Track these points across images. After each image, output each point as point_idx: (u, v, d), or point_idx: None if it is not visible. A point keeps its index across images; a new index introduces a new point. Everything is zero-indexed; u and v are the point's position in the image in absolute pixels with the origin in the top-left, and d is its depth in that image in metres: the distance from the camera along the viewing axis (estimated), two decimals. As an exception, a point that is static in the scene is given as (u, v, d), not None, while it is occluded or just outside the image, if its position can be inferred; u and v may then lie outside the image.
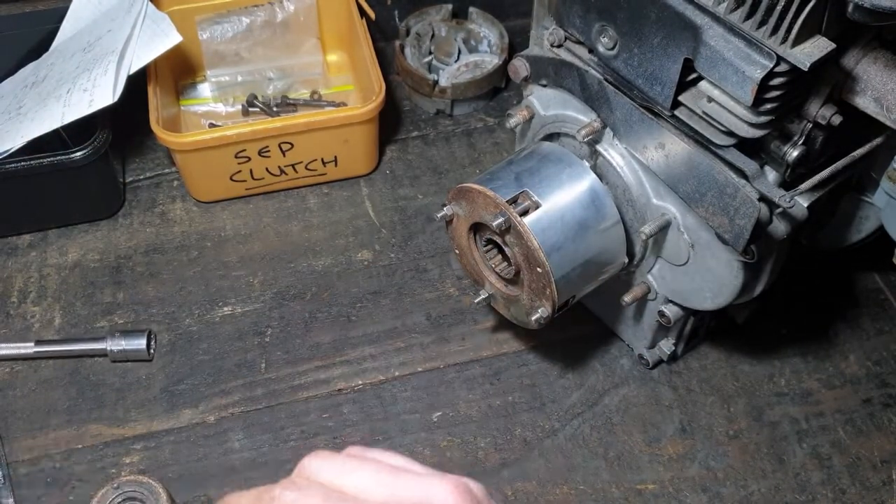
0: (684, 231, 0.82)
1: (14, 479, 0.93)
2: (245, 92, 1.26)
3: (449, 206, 0.88)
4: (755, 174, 0.73)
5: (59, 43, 1.18)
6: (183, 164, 1.13)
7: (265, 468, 0.95)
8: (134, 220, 1.16)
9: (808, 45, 0.65)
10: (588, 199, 0.83)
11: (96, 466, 0.95)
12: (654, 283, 0.90)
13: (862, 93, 0.72)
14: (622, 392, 1.00)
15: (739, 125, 0.71)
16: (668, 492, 0.93)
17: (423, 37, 1.31)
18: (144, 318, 1.06)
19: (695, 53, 0.69)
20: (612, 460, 0.95)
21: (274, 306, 1.08)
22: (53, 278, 1.10)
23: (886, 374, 1.02)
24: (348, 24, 1.26)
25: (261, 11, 1.25)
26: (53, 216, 1.14)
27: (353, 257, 1.12)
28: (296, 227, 1.16)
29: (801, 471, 0.95)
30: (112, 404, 0.99)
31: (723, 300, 0.84)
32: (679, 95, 0.74)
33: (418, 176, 1.21)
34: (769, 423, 0.98)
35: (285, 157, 1.13)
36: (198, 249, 1.13)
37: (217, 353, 1.03)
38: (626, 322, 1.01)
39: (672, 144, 0.77)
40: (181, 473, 0.94)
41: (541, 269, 0.80)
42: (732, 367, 1.03)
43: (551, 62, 0.85)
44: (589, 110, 0.84)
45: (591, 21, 0.78)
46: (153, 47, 1.09)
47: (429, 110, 1.29)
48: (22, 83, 1.15)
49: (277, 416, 0.99)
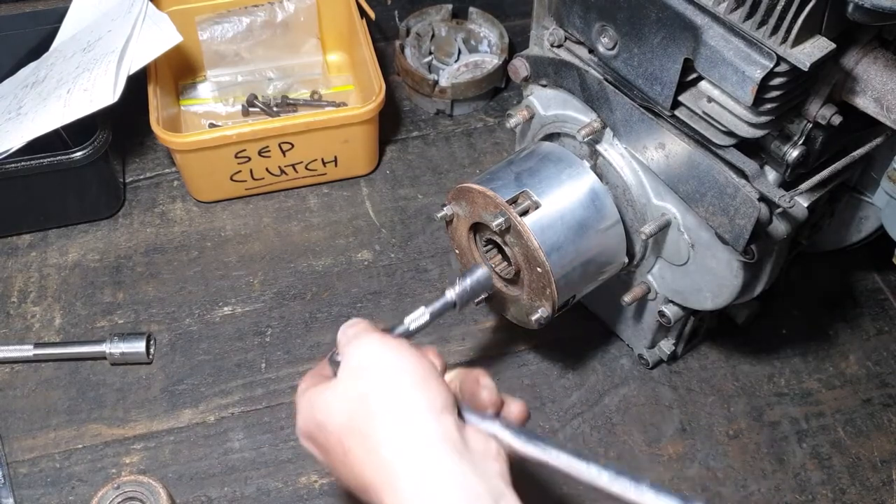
0: (684, 231, 0.82)
1: (14, 479, 0.93)
2: (245, 92, 1.26)
3: (449, 206, 0.88)
4: (755, 174, 0.73)
5: (59, 43, 1.18)
6: (183, 164, 1.13)
7: (265, 468, 0.95)
8: (134, 220, 1.16)
9: (808, 45, 0.65)
10: (588, 199, 0.83)
11: (96, 466, 0.95)
12: (654, 283, 0.90)
13: (862, 93, 0.72)
14: (622, 392, 1.00)
15: (739, 125, 0.71)
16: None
17: (423, 37, 1.31)
18: (144, 318, 1.06)
19: (695, 53, 0.69)
20: (612, 460, 0.95)
21: (274, 306, 1.08)
22: (53, 278, 1.10)
23: (886, 374, 1.03)
24: (348, 24, 1.26)
25: (261, 11, 1.25)
26: (53, 216, 1.14)
27: (354, 257, 1.12)
28: (296, 227, 1.16)
29: (801, 471, 0.95)
30: (112, 404, 0.99)
31: (723, 300, 0.84)
32: (679, 95, 0.74)
33: (418, 176, 1.22)
34: (769, 423, 0.98)
35: (285, 157, 1.13)
36: (198, 249, 1.13)
37: (217, 353, 1.03)
38: (626, 322, 1.01)
39: (672, 144, 0.77)
40: (181, 473, 0.94)
41: (541, 269, 0.80)
42: (732, 367, 1.03)
43: (551, 62, 0.85)
44: (589, 110, 0.84)
45: (591, 21, 0.78)
46: (153, 47, 1.09)
47: (429, 110, 1.29)
48: (22, 83, 1.15)
49: (277, 416, 0.99)
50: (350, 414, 0.59)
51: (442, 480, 0.55)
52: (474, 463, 0.56)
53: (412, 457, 0.56)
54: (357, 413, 0.58)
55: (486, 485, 0.55)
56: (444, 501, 0.54)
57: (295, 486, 0.93)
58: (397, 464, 0.56)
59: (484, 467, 0.57)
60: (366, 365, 0.60)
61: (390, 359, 0.60)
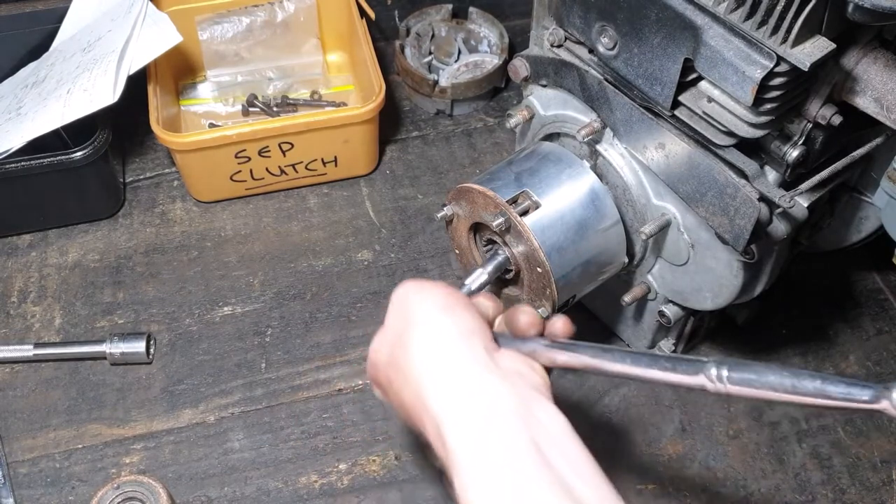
0: (684, 231, 0.82)
1: (14, 479, 0.93)
2: (245, 92, 1.26)
3: (449, 207, 0.88)
4: (755, 174, 0.73)
5: (59, 43, 1.18)
6: (183, 164, 1.13)
7: (265, 468, 0.95)
8: (134, 220, 1.16)
9: (808, 45, 0.65)
10: (588, 199, 0.83)
11: (96, 466, 0.95)
12: (654, 283, 0.90)
13: (862, 93, 0.72)
14: (622, 392, 1.00)
15: (739, 125, 0.71)
16: (668, 492, 0.93)
17: (423, 37, 1.31)
18: (144, 318, 1.06)
19: (695, 53, 0.69)
20: (613, 460, 0.95)
21: (274, 306, 1.08)
22: (53, 278, 1.10)
23: (886, 374, 1.02)
24: (348, 24, 1.26)
25: (261, 11, 1.25)
26: (53, 216, 1.14)
27: (353, 257, 1.12)
28: (296, 227, 1.16)
29: (801, 471, 0.95)
30: (112, 404, 0.99)
31: (723, 300, 0.84)
32: (679, 95, 0.74)
33: (418, 176, 1.21)
34: (769, 423, 0.98)
35: (285, 157, 1.13)
36: (198, 249, 1.13)
37: (217, 353, 1.03)
38: (626, 322, 1.01)
39: (672, 144, 0.77)
40: (181, 473, 0.94)
41: (541, 269, 0.80)
42: (732, 367, 1.03)
43: (551, 62, 0.85)
44: (589, 110, 0.84)
45: (591, 21, 0.78)
46: (153, 47, 1.09)
47: (429, 110, 1.29)
48: (22, 83, 1.15)
49: (277, 416, 0.99)
50: (391, 349, 0.63)
51: (466, 392, 0.57)
52: (504, 376, 0.59)
53: (439, 377, 0.59)
54: (395, 347, 0.62)
55: (515, 393, 0.57)
56: (469, 410, 0.56)
57: (295, 486, 0.93)
58: (426, 384, 0.59)
59: (513, 380, 0.59)
60: (398, 306, 0.65)
61: (419, 294, 0.64)
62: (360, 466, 0.95)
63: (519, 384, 0.59)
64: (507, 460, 0.53)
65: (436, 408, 0.57)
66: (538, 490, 0.52)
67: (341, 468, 0.95)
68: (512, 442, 0.54)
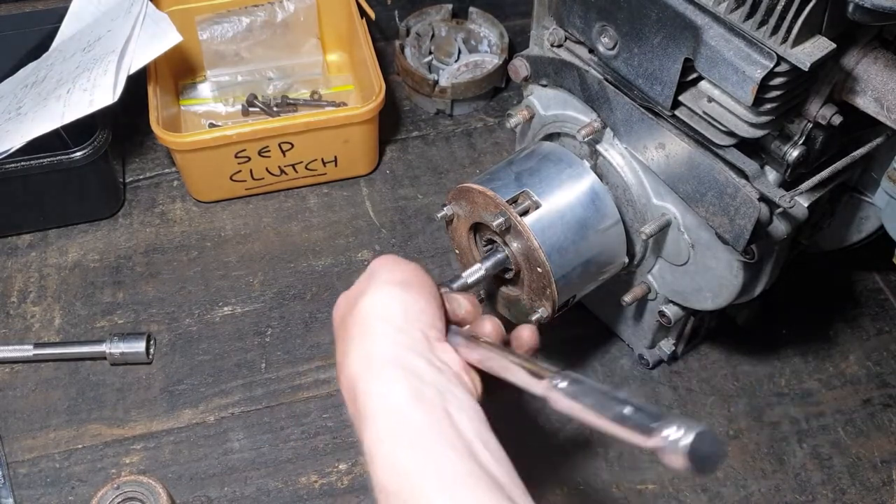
0: (684, 231, 0.82)
1: (14, 479, 0.93)
2: (245, 92, 1.26)
3: (449, 206, 0.88)
4: (755, 174, 0.73)
5: (59, 43, 1.18)
6: (183, 164, 1.13)
7: (265, 468, 0.95)
8: (134, 220, 1.16)
9: (808, 45, 0.65)
10: (588, 198, 0.83)
11: (96, 466, 0.95)
12: (654, 283, 0.90)
13: (862, 93, 0.72)
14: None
15: (740, 125, 0.71)
16: (668, 492, 0.93)
17: (423, 37, 1.31)
18: (144, 318, 1.06)
19: (695, 53, 0.69)
20: (613, 460, 0.95)
21: (274, 306, 1.08)
22: (53, 278, 1.10)
23: (886, 374, 1.02)
24: (348, 24, 1.26)
25: (261, 11, 1.25)
26: (53, 216, 1.14)
27: (353, 257, 1.12)
28: (296, 227, 1.16)
29: (801, 471, 0.95)
30: (112, 404, 0.99)
31: (723, 300, 0.84)
32: (679, 95, 0.74)
33: (418, 176, 1.21)
34: (769, 423, 0.98)
35: (285, 157, 1.13)
36: (198, 249, 1.13)
37: (217, 353, 1.03)
38: (626, 322, 1.01)
39: (672, 144, 0.77)
40: (181, 473, 0.94)
41: (541, 269, 0.80)
42: (732, 367, 1.03)
43: (551, 62, 0.85)
44: (589, 110, 0.84)
45: (591, 21, 0.78)
46: (153, 47, 1.09)
47: (429, 110, 1.29)
48: (22, 83, 1.15)
49: (277, 416, 0.99)
50: (346, 307, 0.65)
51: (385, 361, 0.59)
52: (430, 361, 0.59)
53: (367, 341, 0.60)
54: (350, 307, 0.64)
55: (435, 371, 0.59)
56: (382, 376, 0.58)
57: (295, 486, 0.93)
58: (354, 346, 0.61)
59: (439, 367, 0.60)
60: (370, 271, 0.66)
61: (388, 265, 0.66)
62: (360, 466, 0.95)
63: (444, 371, 0.60)
64: (419, 422, 0.55)
65: (353, 367, 0.59)
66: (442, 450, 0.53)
67: (341, 468, 0.95)
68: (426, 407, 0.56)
